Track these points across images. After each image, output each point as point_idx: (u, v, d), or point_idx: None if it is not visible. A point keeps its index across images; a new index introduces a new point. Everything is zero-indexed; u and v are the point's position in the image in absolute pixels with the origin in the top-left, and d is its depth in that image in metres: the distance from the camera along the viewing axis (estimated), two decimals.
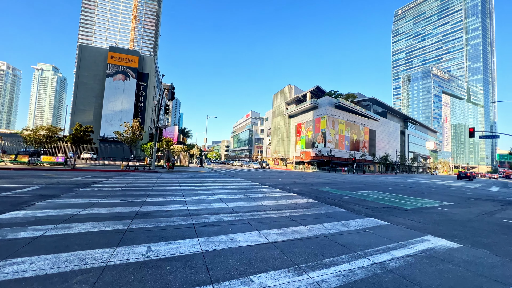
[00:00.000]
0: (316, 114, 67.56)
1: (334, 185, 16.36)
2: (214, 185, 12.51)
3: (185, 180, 14.60)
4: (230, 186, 12.28)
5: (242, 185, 13.36)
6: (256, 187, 12.60)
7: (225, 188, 11.54)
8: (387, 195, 11.85)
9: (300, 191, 11.54)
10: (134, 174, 18.92)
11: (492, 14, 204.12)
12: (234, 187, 12.13)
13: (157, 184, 11.86)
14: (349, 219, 5.97)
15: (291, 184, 15.64)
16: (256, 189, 11.45)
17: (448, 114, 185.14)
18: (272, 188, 12.23)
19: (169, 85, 18.61)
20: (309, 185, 15.49)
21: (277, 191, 11.28)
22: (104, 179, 12.82)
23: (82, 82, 60.30)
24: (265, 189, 11.64)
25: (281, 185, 14.50)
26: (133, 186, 10.61)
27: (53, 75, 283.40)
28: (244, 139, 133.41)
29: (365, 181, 22.01)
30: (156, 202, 7.04)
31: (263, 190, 11.18)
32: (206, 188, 11.21)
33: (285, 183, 16.14)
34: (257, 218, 5.66)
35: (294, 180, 19.58)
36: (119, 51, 61.47)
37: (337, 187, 14.92)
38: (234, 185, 13.18)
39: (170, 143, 33.03)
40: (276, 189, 11.87)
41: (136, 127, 29.28)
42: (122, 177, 14.67)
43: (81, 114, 59.62)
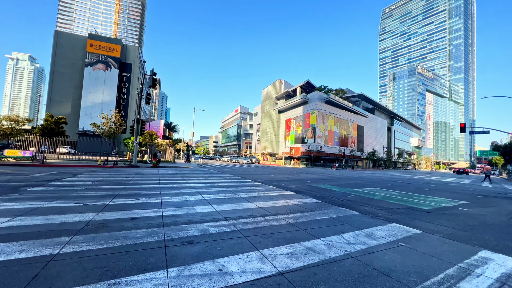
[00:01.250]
0: (306, 109, 66.81)
1: (331, 181, 15.25)
2: (200, 182, 10.99)
3: (168, 177, 12.96)
4: (218, 184, 10.80)
5: (232, 182, 11.91)
6: (247, 184, 11.19)
7: (212, 185, 10.06)
8: (393, 192, 10.81)
9: (298, 189, 10.25)
10: (111, 170, 16.98)
11: (474, 16, 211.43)
12: (223, 184, 10.67)
13: (133, 181, 10.18)
14: (370, 226, 4.70)
15: (285, 180, 14.36)
16: (248, 187, 10.05)
17: (431, 111, 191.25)
18: (266, 186, 10.87)
19: (150, 71, 16.82)
20: (304, 181, 14.27)
21: (271, 188, 9.93)
22: (71, 176, 10.97)
23: (58, 71, 56.04)
24: (259, 187, 10.26)
25: (274, 181, 13.18)
26: (102, 184, 8.90)
27: (30, 65, 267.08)
28: (232, 134, 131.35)
29: (360, 177, 21.17)
30: (122, 205, 5.46)
31: (256, 188, 9.80)
32: (190, 185, 9.68)
33: (278, 179, 14.85)
34: (254, 227, 4.25)
35: (287, 176, 18.36)
36: (99, 38, 57.55)
37: (335, 183, 13.80)
38: (223, 182, 11.71)
39: (154, 136, 30.88)
40: (271, 187, 10.53)
41: (116, 119, 27.02)
42: (94, 173, 12.81)
43: (58, 106, 55.55)
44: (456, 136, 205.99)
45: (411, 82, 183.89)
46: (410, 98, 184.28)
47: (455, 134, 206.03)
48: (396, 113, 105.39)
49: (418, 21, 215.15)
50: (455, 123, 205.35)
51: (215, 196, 7.47)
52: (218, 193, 8.01)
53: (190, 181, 11.24)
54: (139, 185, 9.01)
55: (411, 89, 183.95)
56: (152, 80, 16.51)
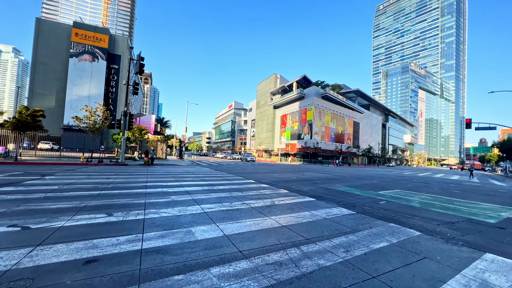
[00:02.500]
0: (302, 105, 65.27)
1: (343, 181, 13.67)
2: (196, 185, 9.17)
3: (157, 177, 11.07)
4: (218, 186, 9.01)
5: (234, 183, 10.15)
6: (253, 186, 9.44)
7: (211, 189, 8.27)
8: (425, 196, 9.27)
9: (314, 193, 8.59)
10: (93, 168, 14.91)
11: (465, 14, 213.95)
12: (224, 187, 8.89)
13: (114, 184, 8.28)
14: (466, 264, 3.05)
15: (293, 181, 12.69)
16: (255, 191, 8.31)
17: (423, 108, 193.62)
18: (275, 189, 9.16)
19: (139, 58, 14.68)
20: (314, 181, 12.64)
21: (283, 193, 8.23)
22: (37, 177, 8.95)
23: (41, 62, 52.43)
24: (268, 191, 8.53)
25: (282, 182, 11.49)
26: (71, 189, 6.98)
27: (14, 57, 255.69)
28: (226, 130, 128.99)
29: (368, 175, 19.74)
30: (82, 229, 3.63)
31: (265, 193, 8.06)
32: (184, 190, 7.86)
33: (284, 179, 13.16)
34: (295, 275, 2.52)
35: (292, 175, 16.70)
36: (85, 27, 54.07)
37: (350, 184, 12.22)
38: (223, 183, 9.93)
39: (144, 132, 28.64)
40: (281, 190, 8.82)
41: (101, 112, 24.68)
42: (70, 173, 10.79)
43: (40, 99, 52.08)
44: (446, 133, 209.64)
45: (404, 79, 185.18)
46: (403, 95, 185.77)
47: (446, 131, 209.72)
48: (391, 110, 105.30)
49: (411, 18, 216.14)
50: (446, 120, 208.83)
51: (217, 206, 5.70)
52: (221, 201, 6.24)
53: (184, 183, 9.40)
54: (119, 190, 7.14)
55: (404, 86, 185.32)
56: (139, 65, 14.42)
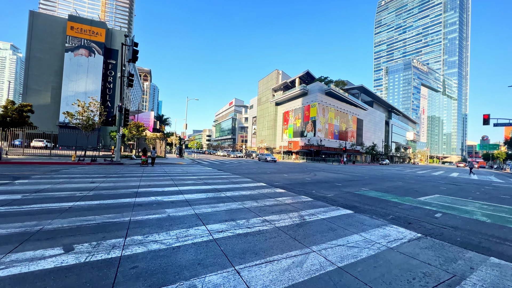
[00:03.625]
0: (305, 101, 63.51)
1: (365, 183, 12.07)
2: (199, 190, 7.57)
3: (153, 180, 9.48)
4: (225, 193, 7.41)
5: (243, 188, 8.55)
6: (267, 193, 7.84)
7: (218, 197, 6.67)
8: (480, 205, 7.66)
9: (345, 201, 6.99)
10: (82, 168, 13.30)
11: (469, 10, 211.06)
12: (233, 193, 7.29)
13: (96, 191, 6.68)
14: None
15: (308, 183, 11.09)
16: (272, 199, 6.72)
17: (425, 106, 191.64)
18: (295, 195, 7.56)
19: (129, 40, 12.94)
20: (334, 184, 11.04)
21: (307, 201, 6.64)
22: (7, 181, 7.34)
23: (35, 56, 50.56)
24: (287, 199, 6.93)
25: (296, 185, 9.90)
26: (37, 200, 5.37)
27: (12, 54, 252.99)
28: (227, 128, 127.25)
29: (385, 176, 18.13)
30: None
31: (286, 202, 6.46)
32: (184, 198, 6.26)
33: (297, 181, 11.57)
34: None
35: (303, 175, 15.09)
36: (81, 21, 52.11)
37: (376, 187, 10.61)
38: (231, 188, 8.33)
39: (141, 128, 26.99)
40: (303, 197, 7.22)
41: (95, 108, 23.01)
42: (50, 176, 9.19)
43: (35, 95, 50.34)
44: (448, 130, 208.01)
45: (406, 75, 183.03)
46: (405, 92, 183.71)
47: (448, 129, 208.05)
48: (394, 107, 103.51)
49: (414, 14, 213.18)
50: (448, 117, 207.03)
51: (230, 226, 4.09)
52: (233, 217, 4.64)
53: (184, 188, 7.80)
54: (100, 201, 5.54)
55: (406, 83, 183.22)
56: (132, 51, 12.71)
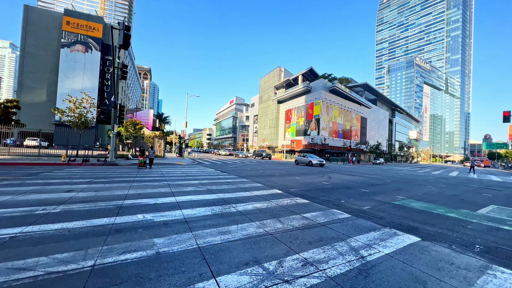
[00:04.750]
0: (309, 99, 61.78)
1: (395, 189, 10.43)
2: (201, 202, 5.96)
3: (146, 186, 7.88)
4: (236, 206, 5.80)
5: (256, 197, 6.95)
6: (288, 204, 6.23)
7: (227, 213, 5.07)
8: None
9: (393, 218, 5.37)
10: (69, 171, 11.69)
11: (472, 7, 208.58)
12: (246, 207, 5.68)
13: (67, 205, 5.07)
14: None
15: (328, 189, 9.47)
16: (298, 216, 5.11)
17: (428, 104, 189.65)
18: (325, 208, 5.94)
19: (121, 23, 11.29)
20: (359, 190, 9.42)
21: (345, 219, 5.04)
22: None
23: (30, 52, 48.92)
24: (319, 215, 5.32)
25: (317, 192, 8.29)
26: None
27: (11, 53, 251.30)
28: (227, 126, 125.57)
29: (404, 178, 16.49)
30: None
31: (319, 221, 4.85)
32: (182, 216, 4.65)
33: (315, 186, 9.96)
34: None
35: (317, 178, 13.47)
36: (77, 15, 50.37)
37: (411, 195, 8.97)
38: (241, 198, 6.73)
39: (138, 126, 25.38)
40: (335, 211, 5.61)
41: (88, 104, 21.47)
42: (21, 181, 7.58)
43: (30, 93, 48.77)
44: (451, 129, 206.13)
45: (409, 73, 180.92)
46: (408, 90, 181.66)
47: (450, 127, 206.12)
48: (397, 105, 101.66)
49: (416, 12, 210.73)
50: (450, 116, 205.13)
51: (259, 281, 2.49)
52: (258, 257, 3.01)
53: (183, 198, 6.19)
54: (62, 224, 3.92)
55: (409, 81, 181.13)
56: (123, 36, 11.03)
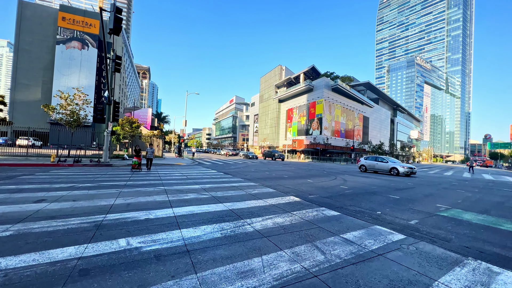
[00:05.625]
0: (311, 98, 60.53)
1: (426, 195, 9.14)
2: (207, 218, 4.65)
3: (138, 192, 6.58)
4: (252, 221, 4.50)
5: (274, 208, 5.66)
6: (316, 219, 4.95)
7: (243, 234, 3.78)
8: None
9: (467, 244, 4.09)
10: (57, 172, 10.36)
11: (472, 6, 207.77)
12: (265, 222, 4.39)
13: (27, 223, 3.77)
14: None
15: (354, 195, 8.19)
16: (340, 239, 3.84)
17: (428, 104, 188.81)
18: (367, 224, 4.65)
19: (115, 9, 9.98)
20: (389, 198, 8.14)
21: (403, 241, 3.76)
22: None
23: (24, 49, 47.44)
24: (368, 240, 4.04)
25: (344, 200, 7.02)
26: None
27: (9, 51, 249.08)
28: (227, 126, 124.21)
29: (428, 181, 15.25)
30: None
31: (374, 250, 3.59)
32: (183, 242, 3.34)
33: (334, 190, 8.69)
34: None
35: (333, 181, 12.20)
36: (73, 11, 48.92)
37: (452, 202, 7.72)
38: (255, 208, 5.44)
39: (135, 125, 24.06)
40: (386, 231, 4.31)
41: (80, 100, 20.15)
42: None
43: (25, 90, 47.29)
44: (451, 129, 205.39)
45: (409, 73, 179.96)
46: (409, 89, 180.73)
47: (451, 127, 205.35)
48: (399, 104, 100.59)
49: (417, 11, 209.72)
50: (451, 116, 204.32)
51: None
52: None
53: (183, 211, 4.90)
54: (4, 259, 2.64)
55: (409, 81, 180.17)
56: (115, 19, 9.70)
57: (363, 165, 20.77)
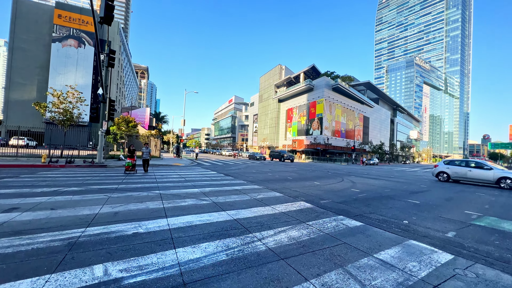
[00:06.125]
0: (311, 97, 59.83)
1: (447, 199, 8.43)
2: (208, 232, 3.87)
3: (129, 200, 5.81)
4: (261, 235, 3.74)
5: (286, 217, 4.91)
6: (338, 232, 4.18)
7: (253, 254, 3.01)
8: None
9: None
10: (44, 174, 9.56)
11: (471, 7, 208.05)
12: (278, 237, 3.62)
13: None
14: None
15: (369, 200, 7.45)
16: (377, 263, 3.10)
17: (427, 104, 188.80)
18: (402, 239, 3.92)
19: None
20: (409, 203, 7.40)
21: (452, 263, 3.03)
22: None
23: (19, 47, 46.41)
24: (413, 264, 3.31)
25: (360, 205, 6.28)
26: None
27: (6, 51, 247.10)
28: (226, 126, 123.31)
29: (438, 182, 14.55)
30: None
31: (425, 278, 2.84)
32: (178, 269, 2.58)
33: (349, 195, 7.96)
34: None
35: (340, 183, 11.46)
36: (69, 8, 47.97)
37: (481, 209, 7.01)
38: (263, 218, 4.68)
39: (132, 124, 23.20)
40: (429, 249, 3.58)
41: (74, 98, 19.32)
42: None
43: (20, 90, 46.27)
44: (450, 129, 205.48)
45: (409, 73, 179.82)
46: (408, 90, 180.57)
47: (450, 127, 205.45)
48: (399, 104, 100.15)
49: (415, 12, 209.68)
50: (450, 116, 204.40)
51: None
52: None
53: (179, 223, 4.11)
54: None
55: (408, 81, 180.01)
56: (105, 7, 8.83)
57: (444, 172, 14.44)
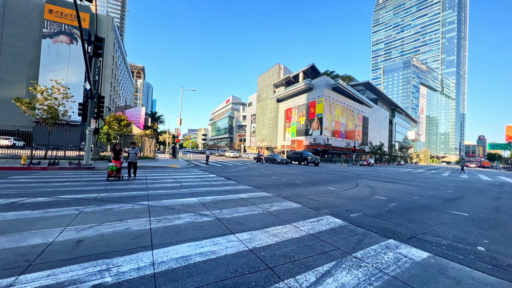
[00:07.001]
0: (311, 97, 58.69)
1: (485, 206, 7.20)
2: (215, 276, 2.56)
3: (106, 216, 4.43)
4: (297, 277, 2.42)
5: (314, 240, 3.58)
6: (405, 272, 2.90)
7: None
8: None
9: None
10: (16, 178, 8.05)
11: (467, 9, 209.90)
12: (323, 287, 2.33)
13: None
14: None
15: (405, 211, 6.15)
16: None
17: (424, 105, 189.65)
18: None
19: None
20: (456, 217, 6.13)
21: None
22: None
23: (8, 43, 44.40)
24: None
25: (406, 219, 4.99)
26: None
27: None
28: (223, 126, 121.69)
29: (463, 187, 13.33)
30: None
31: None
32: None
33: (380, 206, 6.67)
34: None
35: (360, 190, 10.16)
36: (61, 3, 46.10)
37: None
38: (289, 244, 3.36)
39: (124, 123, 21.67)
40: None
41: (60, 94, 17.74)
42: None
43: (8, 87, 44.23)
44: (446, 130, 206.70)
45: (405, 74, 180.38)
46: (405, 91, 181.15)
47: (446, 128, 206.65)
48: (397, 105, 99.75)
49: (412, 13, 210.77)
50: (446, 117, 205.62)
51: None
52: None
53: (169, 257, 2.76)
54: None
55: (405, 82, 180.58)
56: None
57: None
